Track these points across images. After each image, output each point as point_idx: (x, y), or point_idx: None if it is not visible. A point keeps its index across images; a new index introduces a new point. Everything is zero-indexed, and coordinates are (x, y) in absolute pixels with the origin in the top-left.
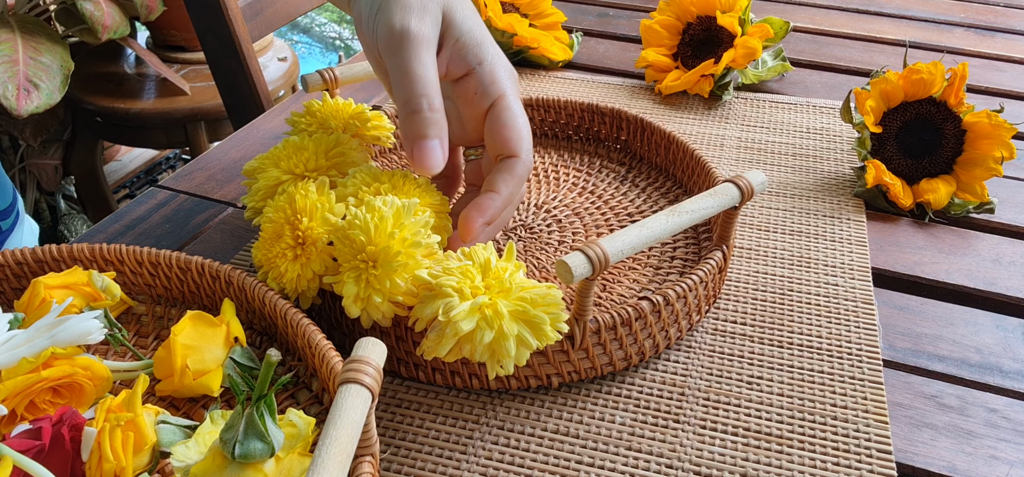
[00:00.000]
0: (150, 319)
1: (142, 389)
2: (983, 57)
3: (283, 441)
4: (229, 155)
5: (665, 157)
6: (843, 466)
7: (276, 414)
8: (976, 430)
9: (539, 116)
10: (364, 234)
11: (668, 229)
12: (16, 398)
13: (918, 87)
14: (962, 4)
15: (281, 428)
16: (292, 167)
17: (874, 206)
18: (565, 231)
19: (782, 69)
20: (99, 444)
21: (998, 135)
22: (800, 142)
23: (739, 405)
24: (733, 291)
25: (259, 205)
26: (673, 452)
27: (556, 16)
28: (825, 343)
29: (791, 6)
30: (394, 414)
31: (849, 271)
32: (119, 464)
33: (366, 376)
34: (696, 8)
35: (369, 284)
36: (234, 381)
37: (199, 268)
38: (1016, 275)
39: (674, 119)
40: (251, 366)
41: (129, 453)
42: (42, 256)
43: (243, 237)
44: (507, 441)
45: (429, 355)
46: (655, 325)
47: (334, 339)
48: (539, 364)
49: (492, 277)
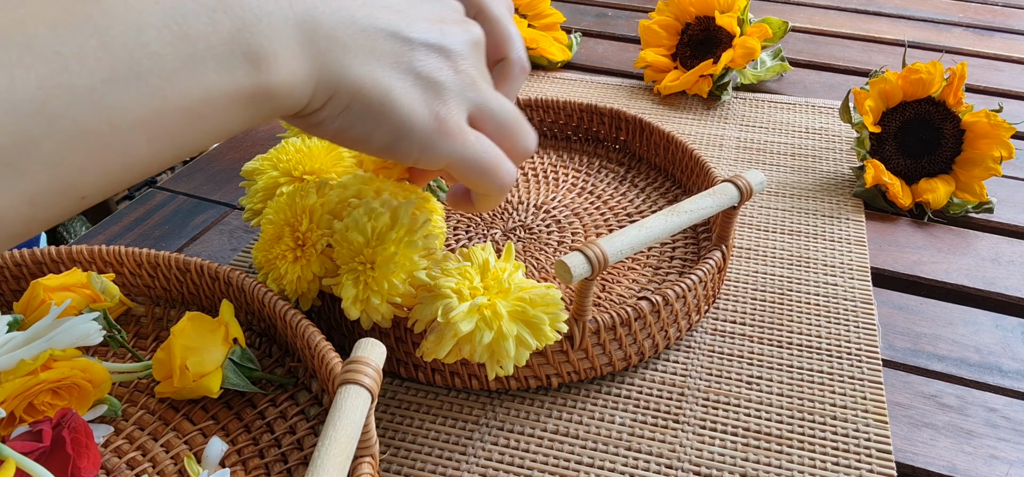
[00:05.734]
0: (149, 320)
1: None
2: (982, 57)
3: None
4: (228, 156)
5: (664, 157)
6: (843, 466)
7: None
8: (976, 430)
9: (538, 116)
10: (362, 235)
11: (667, 229)
12: (15, 400)
13: (917, 87)
14: (961, 4)
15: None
16: (290, 168)
17: (873, 206)
18: (564, 231)
19: (781, 69)
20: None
21: (997, 135)
22: (799, 142)
23: (739, 405)
24: (732, 291)
25: (257, 207)
26: (673, 452)
27: (555, 16)
28: (825, 343)
29: (790, 6)
30: (394, 415)
31: (848, 271)
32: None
33: (365, 377)
34: (695, 8)
35: (367, 286)
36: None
37: (198, 269)
38: (1015, 275)
39: (673, 119)
40: (251, 367)
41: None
42: (41, 257)
43: (242, 238)
44: (507, 442)
45: (428, 356)
46: (654, 325)
47: (333, 340)
48: (538, 364)
49: (491, 278)
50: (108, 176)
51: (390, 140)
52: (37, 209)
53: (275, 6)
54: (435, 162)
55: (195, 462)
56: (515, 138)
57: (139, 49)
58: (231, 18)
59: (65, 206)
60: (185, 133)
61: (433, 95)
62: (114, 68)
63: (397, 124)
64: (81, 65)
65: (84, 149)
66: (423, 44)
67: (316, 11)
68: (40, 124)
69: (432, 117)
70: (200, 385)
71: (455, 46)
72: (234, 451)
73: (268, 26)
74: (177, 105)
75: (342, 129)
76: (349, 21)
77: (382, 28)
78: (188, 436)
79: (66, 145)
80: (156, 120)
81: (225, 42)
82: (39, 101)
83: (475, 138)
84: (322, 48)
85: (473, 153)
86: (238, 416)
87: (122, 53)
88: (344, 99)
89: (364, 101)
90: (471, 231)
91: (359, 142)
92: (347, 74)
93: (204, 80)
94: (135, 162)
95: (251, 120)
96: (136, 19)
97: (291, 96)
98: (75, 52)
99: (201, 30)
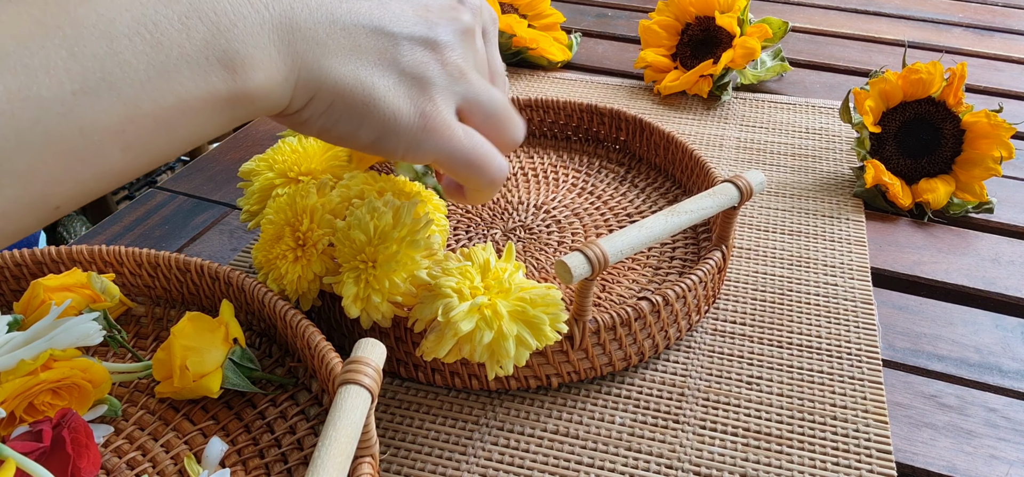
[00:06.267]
0: (149, 320)
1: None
2: (982, 57)
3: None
4: (228, 156)
5: (664, 157)
6: (843, 466)
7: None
8: (976, 430)
9: (538, 117)
10: (364, 234)
11: (667, 229)
12: (15, 400)
13: (917, 87)
14: (961, 4)
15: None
16: (286, 169)
17: (873, 206)
18: (564, 232)
19: (781, 69)
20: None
21: (997, 135)
22: (799, 142)
23: (739, 405)
24: (732, 291)
25: (254, 208)
26: (673, 452)
27: (555, 17)
28: (825, 343)
29: (790, 6)
30: (394, 415)
31: (848, 271)
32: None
33: (365, 377)
34: (695, 8)
35: (368, 284)
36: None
37: (198, 269)
38: (1015, 275)
39: (673, 119)
40: (251, 367)
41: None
42: (41, 257)
43: (242, 238)
44: (507, 442)
45: (429, 356)
46: (654, 325)
47: (333, 340)
48: (538, 364)
49: (491, 278)
50: (81, 186)
51: (375, 138)
52: (8, 221)
53: (250, 10)
54: (422, 158)
55: (195, 462)
56: (503, 129)
57: (110, 59)
58: (205, 24)
59: (38, 216)
60: (160, 140)
61: (419, 91)
62: (85, 79)
63: (381, 122)
64: (50, 77)
65: (56, 160)
66: (408, 38)
67: (293, 12)
68: (9, 138)
69: (417, 114)
70: (200, 385)
71: (442, 37)
72: (234, 451)
73: (243, 30)
74: (151, 113)
75: (326, 127)
76: (329, 20)
77: (364, 24)
78: (188, 436)
79: (37, 157)
80: (129, 129)
81: (199, 48)
82: (8, 114)
83: (463, 133)
84: (300, 50)
85: (461, 148)
86: (238, 416)
87: (93, 63)
88: (326, 99)
89: (346, 100)
90: (471, 231)
91: (344, 139)
92: (328, 74)
93: (178, 87)
94: (109, 171)
95: (229, 123)
96: (107, 29)
97: (270, 98)
98: (44, 64)
99: (174, 37)
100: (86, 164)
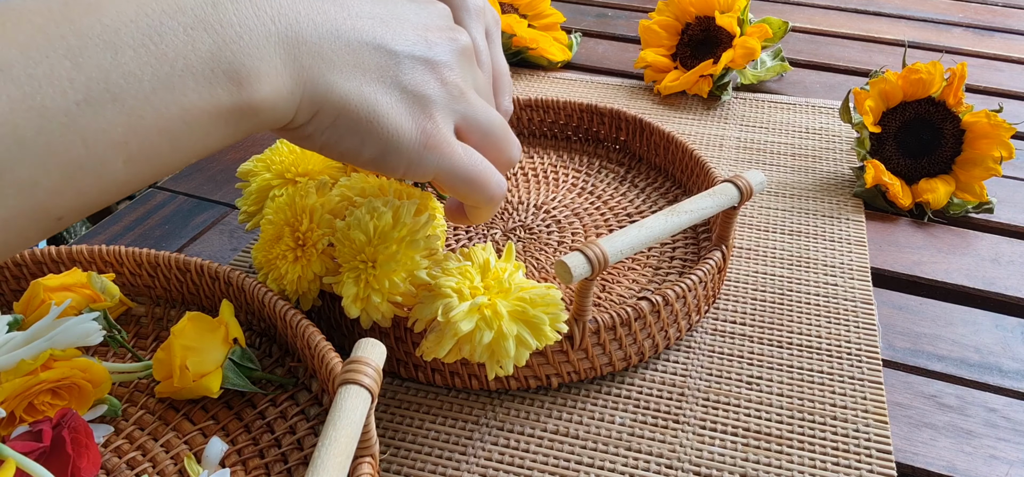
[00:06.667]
0: (149, 320)
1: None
2: (982, 57)
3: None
4: (228, 156)
5: (664, 157)
6: (843, 466)
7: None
8: (975, 430)
9: (538, 117)
10: (364, 234)
11: (667, 229)
12: (15, 400)
13: (917, 87)
14: (961, 4)
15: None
16: (283, 170)
17: (873, 206)
18: (564, 232)
19: (781, 69)
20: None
21: (997, 135)
22: (799, 142)
23: (739, 405)
24: (732, 291)
25: (252, 209)
26: (673, 452)
27: (555, 17)
28: (825, 343)
29: (789, 6)
30: (394, 415)
31: (848, 271)
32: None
33: (365, 377)
34: (695, 8)
35: (368, 284)
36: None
37: (198, 269)
38: (1015, 275)
39: (673, 119)
40: (251, 367)
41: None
42: (41, 257)
43: (242, 238)
44: (506, 442)
45: (429, 356)
46: (654, 325)
47: (333, 340)
48: (538, 364)
49: (491, 278)
50: (83, 197)
51: (377, 154)
52: (10, 232)
53: (256, 22)
54: (423, 175)
55: (195, 462)
56: (500, 148)
57: (115, 70)
58: (211, 36)
59: (41, 229)
60: (164, 152)
61: (419, 109)
62: (88, 89)
63: (384, 139)
64: (53, 87)
65: (58, 172)
66: (408, 56)
67: (299, 26)
68: (11, 148)
69: (419, 131)
70: (200, 385)
71: (441, 57)
72: (234, 451)
73: (249, 43)
74: (155, 125)
75: (329, 143)
76: (333, 35)
77: (367, 41)
78: (188, 436)
79: (39, 169)
80: (133, 140)
81: (204, 60)
82: (10, 124)
83: (463, 151)
84: (306, 64)
85: (461, 165)
86: (238, 416)
87: (97, 74)
88: (330, 114)
89: (350, 117)
90: (471, 231)
91: (346, 155)
92: (333, 90)
93: (183, 99)
94: (112, 183)
95: (234, 136)
96: (111, 39)
97: (275, 112)
98: (47, 74)
99: (179, 49)
100: (90, 176)
